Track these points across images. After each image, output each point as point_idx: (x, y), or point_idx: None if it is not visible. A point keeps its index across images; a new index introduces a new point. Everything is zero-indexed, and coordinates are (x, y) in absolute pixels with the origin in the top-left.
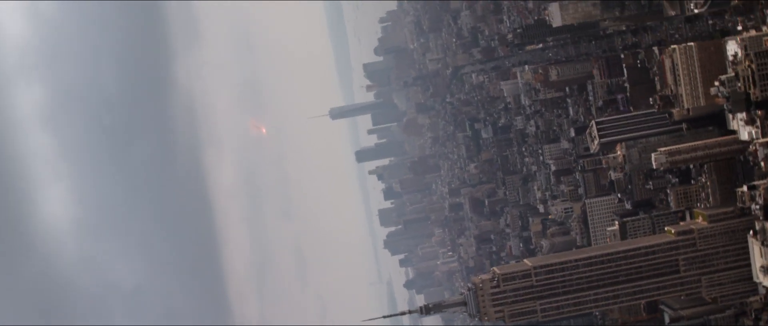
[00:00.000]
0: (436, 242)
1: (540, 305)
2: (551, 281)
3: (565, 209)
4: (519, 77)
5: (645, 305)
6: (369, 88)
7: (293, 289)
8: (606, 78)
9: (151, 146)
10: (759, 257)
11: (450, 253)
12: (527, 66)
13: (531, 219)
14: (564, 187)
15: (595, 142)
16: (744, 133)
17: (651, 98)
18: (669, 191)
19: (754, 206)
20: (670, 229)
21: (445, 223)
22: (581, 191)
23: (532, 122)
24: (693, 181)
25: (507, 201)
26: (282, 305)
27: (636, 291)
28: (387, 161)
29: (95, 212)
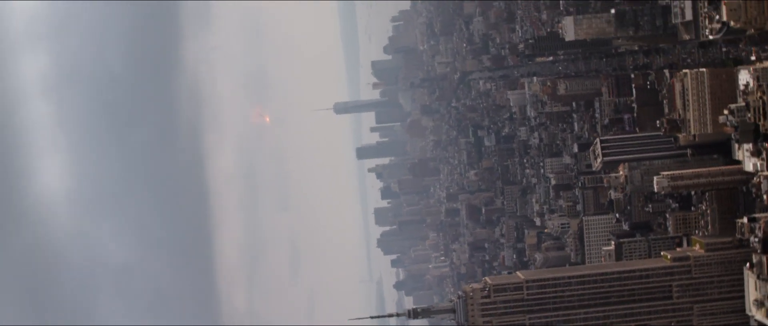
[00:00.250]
0: (429, 245)
1: (529, 319)
2: (543, 296)
3: (562, 224)
4: (526, 88)
5: None
6: (375, 85)
7: (284, 281)
8: (614, 96)
9: (152, 126)
10: (753, 290)
11: (442, 258)
12: (536, 77)
13: (526, 232)
14: (562, 202)
15: (598, 159)
16: (749, 164)
17: (658, 121)
18: (668, 216)
19: (753, 238)
20: (666, 254)
21: (440, 228)
22: (579, 208)
23: (535, 134)
24: (693, 208)
25: (504, 211)
26: (271, 295)
27: (627, 314)
28: (387, 160)
29: (90, 187)
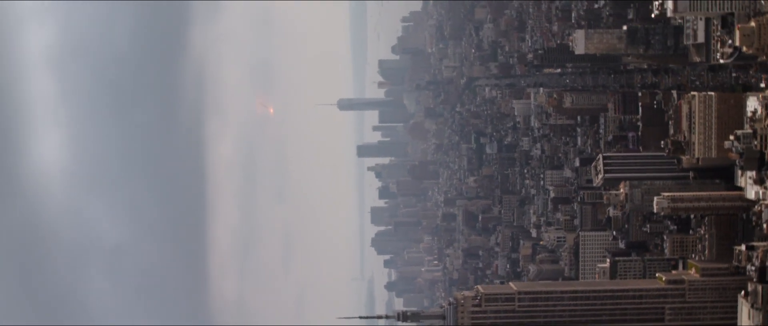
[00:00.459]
0: (423, 248)
1: None
2: (534, 309)
3: (558, 238)
4: (532, 98)
5: None
6: (381, 84)
7: (275, 272)
8: (620, 113)
9: (154, 107)
10: (746, 318)
11: (436, 262)
12: (542, 88)
13: (522, 242)
14: (560, 216)
15: (600, 175)
16: (751, 192)
17: (662, 141)
18: (665, 237)
19: (749, 267)
20: (660, 276)
21: (436, 231)
22: (577, 222)
23: (538, 145)
24: (691, 231)
25: (501, 220)
26: (261, 285)
27: None
28: (387, 160)
29: (88, 164)
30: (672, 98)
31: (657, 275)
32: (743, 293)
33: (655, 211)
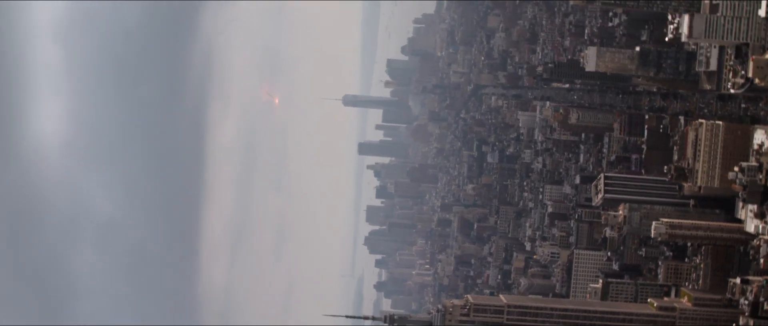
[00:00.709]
0: (416, 252)
1: None
2: (522, 324)
3: (552, 253)
4: (538, 111)
5: None
6: (387, 84)
7: (266, 261)
8: (625, 134)
9: (159, 86)
10: None
11: (427, 266)
12: (549, 102)
13: (515, 254)
14: (556, 231)
15: (600, 195)
16: (751, 226)
17: (666, 166)
18: (660, 263)
19: (743, 300)
20: (652, 302)
21: (430, 235)
22: (572, 239)
23: (540, 159)
24: (687, 259)
25: (496, 230)
26: (251, 274)
27: None
28: (387, 160)
29: (87, 136)
30: (679, 124)
31: (649, 300)
32: None
33: (653, 236)
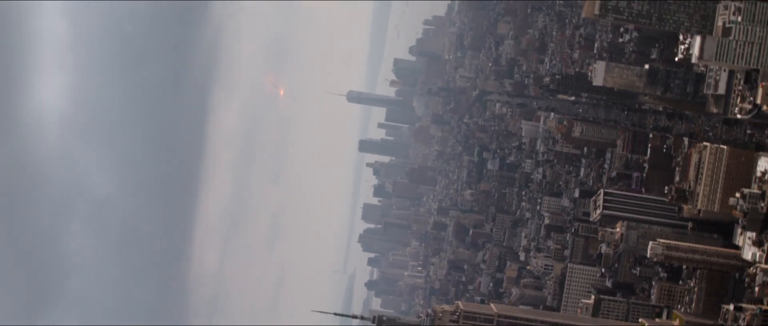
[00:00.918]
0: (409, 253)
1: None
2: None
3: (546, 265)
4: (542, 122)
5: None
6: (393, 83)
7: (258, 252)
8: (628, 151)
9: (163, 67)
10: None
11: (419, 268)
12: (554, 114)
13: (509, 263)
14: (551, 244)
15: (598, 210)
16: (748, 253)
17: (666, 187)
18: (654, 283)
19: None
20: (643, 322)
21: (424, 238)
22: (567, 253)
23: (540, 169)
24: (681, 282)
25: (491, 238)
26: (242, 263)
27: None
28: (387, 159)
29: (87, 113)
30: (683, 145)
31: (640, 320)
32: None
33: (648, 256)
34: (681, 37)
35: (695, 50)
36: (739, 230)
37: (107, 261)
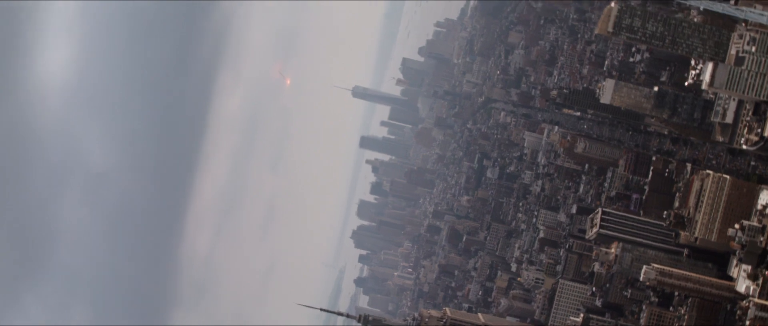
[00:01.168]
0: (401, 253)
1: None
2: None
3: (537, 279)
4: (545, 134)
5: None
6: (399, 82)
7: (251, 238)
8: (629, 172)
9: (172, 45)
10: None
11: (410, 270)
12: (558, 127)
13: (500, 273)
14: (544, 257)
15: (594, 229)
16: (742, 285)
17: (665, 212)
18: (644, 307)
19: None
20: None
21: (417, 240)
22: (559, 268)
23: (539, 182)
24: (672, 309)
25: (484, 246)
26: (234, 248)
27: None
28: (387, 158)
29: (91, 85)
30: (685, 171)
31: None
32: None
33: (641, 279)
34: (693, 62)
35: (706, 76)
36: (735, 262)
37: (98, 235)
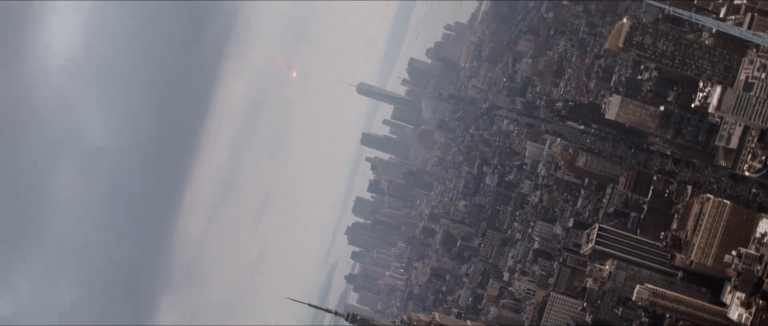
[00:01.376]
0: (394, 253)
1: None
2: None
3: (528, 290)
4: (547, 145)
5: None
6: (405, 82)
7: (245, 224)
8: (629, 190)
9: (180, 26)
10: None
11: (402, 270)
12: (560, 139)
13: (491, 281)
14: (537, 269)
15: (590, 244)
16: (735, 313)
17: (663, 232)
18: None
19: None
20: None
21: (411, 241)
22: (551, 281)
23: (538, 193)
24: None
25: (478, 252)
26: (227, 233)
27: None
28: (387, 157)
29: (95, 59)
30: (685, 193)
31: None
32: None
33: (633, 298)
34: (701, 84)
35: (713, 100)
36: (730, 288)
37: (91, 210)
